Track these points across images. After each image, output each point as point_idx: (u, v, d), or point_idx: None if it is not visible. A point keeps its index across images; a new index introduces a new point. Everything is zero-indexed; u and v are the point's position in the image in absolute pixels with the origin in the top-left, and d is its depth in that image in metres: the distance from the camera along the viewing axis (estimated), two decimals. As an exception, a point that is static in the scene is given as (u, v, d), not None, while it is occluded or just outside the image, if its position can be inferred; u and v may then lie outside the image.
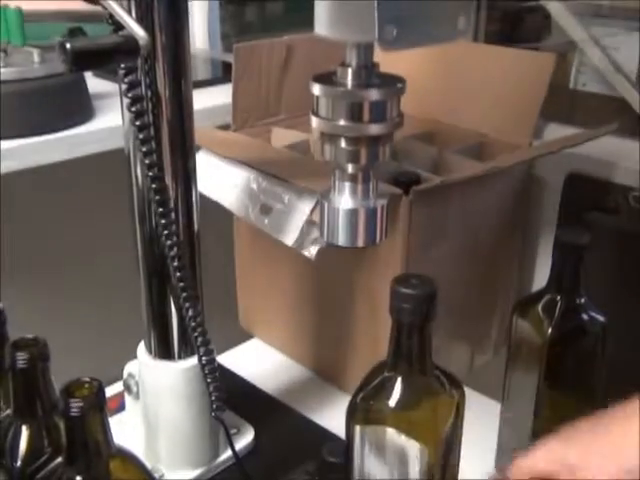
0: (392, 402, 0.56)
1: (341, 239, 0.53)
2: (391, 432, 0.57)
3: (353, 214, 0.52)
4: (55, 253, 1.01)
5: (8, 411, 0.54)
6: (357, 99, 0.49)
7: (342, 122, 0.50)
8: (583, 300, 0.70)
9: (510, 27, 1.41)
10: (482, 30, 1.30)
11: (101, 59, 0.48)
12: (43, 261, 0.99)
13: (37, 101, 0.86)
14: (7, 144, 0.84)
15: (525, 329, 0.72)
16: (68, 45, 0.45)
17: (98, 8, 0.54)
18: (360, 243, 0.53)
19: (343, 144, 0.51)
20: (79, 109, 0.93)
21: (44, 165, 0.87)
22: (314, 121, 0.51)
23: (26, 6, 1.01)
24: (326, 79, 0.50)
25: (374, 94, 0.49)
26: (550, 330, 0.69)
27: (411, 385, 0.57)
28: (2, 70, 0.84)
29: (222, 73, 1.41)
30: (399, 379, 0.56)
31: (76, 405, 0.46)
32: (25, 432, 0.53)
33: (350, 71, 0.49)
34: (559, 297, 0.70)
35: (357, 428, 0.58)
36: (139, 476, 0.51)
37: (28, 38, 1.06)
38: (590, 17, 1.16)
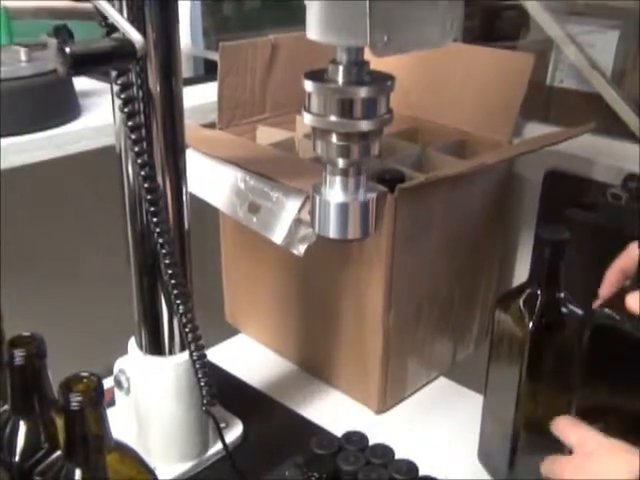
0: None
1: (332, 232, 0.55)
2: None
3: (344, 207, 0.54)
4: (45, 251, 1.02)
5: (5, 407, 0.55)
6: (348, 96, 0.51)
7: (334, 118, 0.51)
8: (563, 295, 0.72)
9: (488, 24, 1.43)
10: (460, 27, 1.32)
11: (99, 63, 0.49)
12: (33, 259, 1.00)
13: (25, 100, 0.87)
14: (-5, 143, 0.85)
15: (506, 323, 0.74)
16: (67, 49, 0.46)
17: (82, 5, 0.55)
18: (350, 235, 0.55)
19: (334, 139, 0.53)
20: (66, 107, 0.93)
21: (32, 163, 0.88)
22: (306, 117, 0.53)
23: (8, 3, 1.02)
24: (317, 76, 0.52)
25: (365, 91, 0.51)
26: (531, 324, 0.71)
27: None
28: (-10, 70, 0.85)
29: (204, 71, 1.42)
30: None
31: (76, 400, 0.47)
32: (23, 427, 0.54)
33: (341, 68, 0.51)
34: (539, 292, 0.72)
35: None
36: (137, 469, 0.53)
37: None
38: (566, 15, 1.18)
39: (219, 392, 0.74)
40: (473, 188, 0.89)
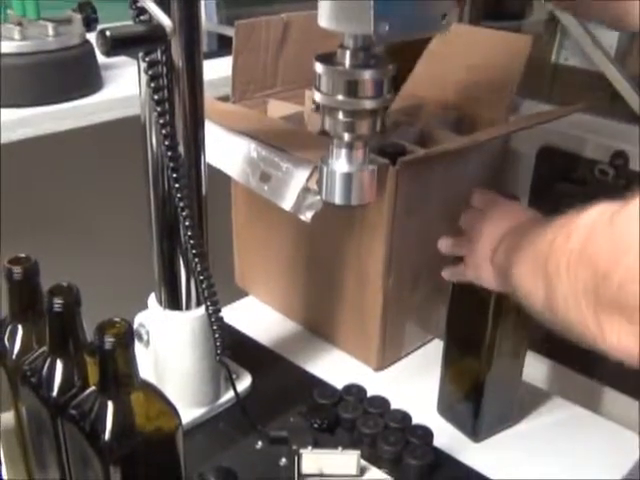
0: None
1: (337, 198, 0.62)
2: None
3: (348, 177, 0.61)
4: (74, 214, 1.08)
5: (44, 348, 0.61)
6: (354, 77, 0.57)
7: (341, 97, 0.58)
8: None
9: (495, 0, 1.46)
10: (467, 3, 1.35)
11: (133, 45, 0.55)
12: (61, 221, 1.06)
13: (52, 72, 0.93)
14: (24, 112, 0.91)
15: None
16: (108, 33, 0.52)
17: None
18: (354, 201, 0.62)
19: (341, 116, 0.59)
20: (90, 80, 0.99)
21: (57, 132, 0.94)
22: (316, 95, 0.59)
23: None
24: (327, 59, 0.58)
25: (369, 74, 0.57)
26: None
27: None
28: (20, 43, 0.91)
29: (217, 46, 1.46)
30: None
31: (109, 340, 0.54)
32: (59, 367, 0.60)
33: (348, 53, 0.57)
34: None
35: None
36: (160, 404, 0.60)
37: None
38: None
39: (230, 347, 0.80)
40: (470, 162, 0.94)
